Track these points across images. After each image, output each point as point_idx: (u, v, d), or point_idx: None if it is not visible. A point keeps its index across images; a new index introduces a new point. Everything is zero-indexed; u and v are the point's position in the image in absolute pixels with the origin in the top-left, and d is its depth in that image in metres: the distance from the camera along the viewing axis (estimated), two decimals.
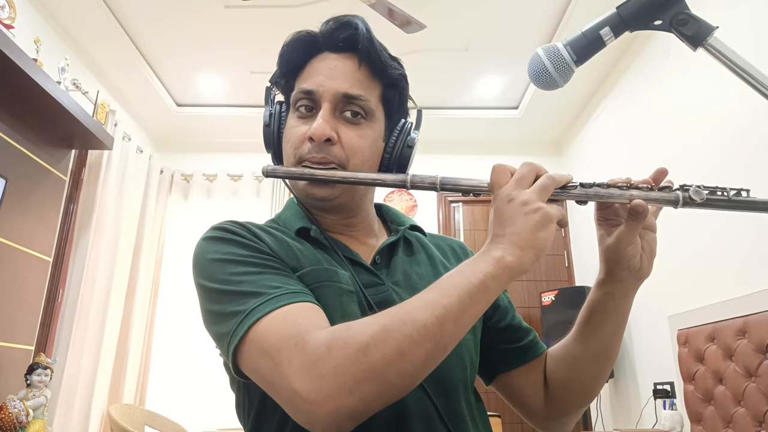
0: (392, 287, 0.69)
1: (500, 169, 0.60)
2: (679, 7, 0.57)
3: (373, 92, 0.71)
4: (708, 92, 2.27)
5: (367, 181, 0.67)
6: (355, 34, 0.70)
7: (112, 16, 2.82)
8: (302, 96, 0.70)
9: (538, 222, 0.54)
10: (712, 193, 0.55)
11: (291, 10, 2.75)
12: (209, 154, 4.01)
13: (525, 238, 0.54)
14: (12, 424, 2.05)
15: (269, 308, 0.54)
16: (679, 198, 0.55)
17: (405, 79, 0.75)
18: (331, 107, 0.68)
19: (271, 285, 0.57)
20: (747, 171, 2.02)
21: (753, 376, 1.81)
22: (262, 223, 0.74)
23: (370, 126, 0.71)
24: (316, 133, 0.66)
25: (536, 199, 0.55)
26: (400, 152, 0.72)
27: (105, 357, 3.08)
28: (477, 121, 3.79)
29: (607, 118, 3.32)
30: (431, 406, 0.62)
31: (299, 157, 0.69)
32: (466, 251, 0.85)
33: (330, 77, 0.69)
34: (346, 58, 0.71)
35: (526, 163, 0.59)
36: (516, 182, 0.57)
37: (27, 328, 2.56)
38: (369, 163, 0.70)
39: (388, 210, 0.84)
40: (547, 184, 0.57)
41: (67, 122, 2.58)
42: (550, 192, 0.56)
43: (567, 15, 2.76)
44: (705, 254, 2.26)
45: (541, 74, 0.62)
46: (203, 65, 3.30)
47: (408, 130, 0.73)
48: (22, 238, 2.47)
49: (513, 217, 0.55)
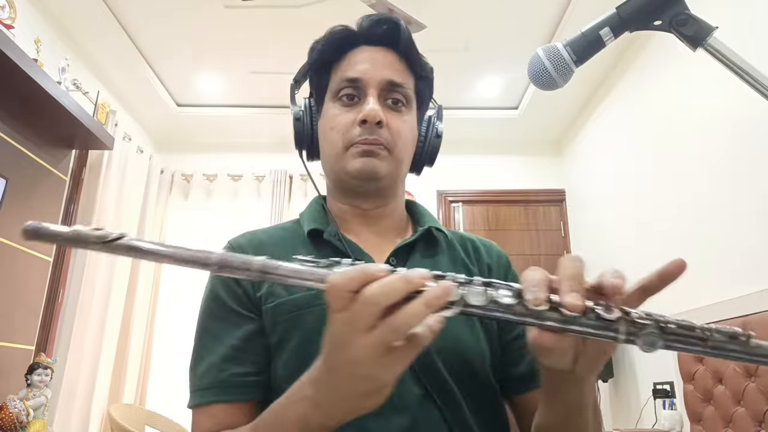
0: None
1: (338, 284, 0.39)
2: (678, 8, 0.57)
3: (410, 83, 0.76)
4: (708, 92, 2.27)
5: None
6: (395, 28, 0.75)
7: (113, 16, 2.81)
8: (347, 84, 0.73)
9: (366, 392, 0.42)
10: (670, 333, 0.40)
11: (291, 10, 2.75)
12: (209, 154, 4.01)
13: (342, 405, 0.43)
14: (12, 424, 2.05)
15: (194, 401, 0.65)
16: (618, 337, 0.40)
17: (433, 73, 0.80)
18: (377, 94, 0.72)
19: (202, 370, 0.65)
20: (747, 171, 2.02)
21: (753, 376, 1.81)
22: (286, 222, 0.80)
23: (409, 114, 0.75)
24: (370, 115, 0.69)
25: (370, 359, 0.39)
26: (432, 141, 0.78)
27: (105, 357, 3.08)
28: (477, 121, 3.79)
29: (607, 118, 3.32)
30: (439, 416, 0.62)
31: (348, 142, 0.71)
32: (491, 252, 0.80)
33: (374, 66, 0.73)
34: (385, 50, 0.75)
35: (392, 280, 0.38)
36: (351, 318, 0.38)
37: (27, 328, 2.56)
38: (409, 149, 0.75)
39: (417, 208, 0.83)
40: (398, 327, 0.38)
41: (68, 122, 2.58)
42: (400, 335, 0.38)
43: (567, 15, 2.76)
44: (705, 254, 2.26)
45: (541, 74, 0.62)
46: (203, 65, 3.30)
47: (435, 122, 0.79)
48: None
49: (336, 370, 0.42)
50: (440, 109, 0.82)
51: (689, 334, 0.39)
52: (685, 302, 2.37)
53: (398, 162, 0.73)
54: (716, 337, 0.39)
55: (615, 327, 0.40)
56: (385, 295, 0.38)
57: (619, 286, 0.41)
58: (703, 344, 0.39)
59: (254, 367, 0.64)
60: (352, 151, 0.71)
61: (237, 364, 0.65)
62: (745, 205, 2.03)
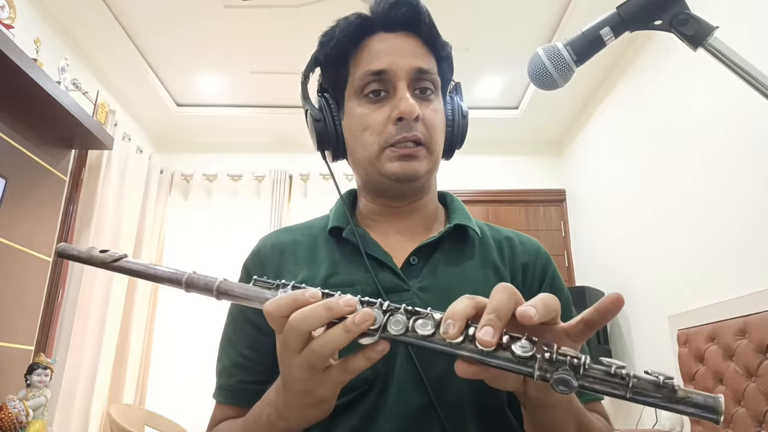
0: (417, 293, 0.65)
1: (270, 311, 0.44)
2: (679, 7, 0.57)
3: (435, 67, 0.71)
4: (708, 92, 2.27)
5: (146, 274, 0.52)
6: (415, 11, 0.68)
7: (112, 16, 2.81)
8: (372, 78, 0.67)
9: (306, 405, 0.47)
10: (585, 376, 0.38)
11: (291, 10, 2.74)
12: (209, 154, 4.01)
13: (294, 414, 0.49)
14: (12, 424, 2.05)
15: (213, 394, 0.70)
16: (533, 374, 0.38)
17: (452, 51, 0.75)
18: (407, 85, 0.66)
19: (218, 370, 0.70)
20: (747, 171, 2.02)
21: (753, 376, 1.81)
22: (319, 217, 0.78)
23: (438, 100, 0.71)
24: (408, 111, 0.64)
25: (303, 377, 0.44)
26: (460, 124, 0.74)
27: (105, 357, 3.08)
28: (477, 121, 3.78)
29: (608, 118, 3.32)
30: (444, 428, 0.60)
31: (385, 143, 0.66)
32: (529, 249, 0.74)
33: (399, 55, 0.67)
34: (406, 35, 0.69)
35: (315, 307, 0.43)
36: (284, 341, 0.44)
37: (27, 328, 2.56)
38: (442, 139, 0.71)
39: (451, 202, 0.78)
40: (317, 350, 0.42)
41: (67, 122, 2.58)
42: (323, 357, 0.43)
43: (567, 15, 2.76)
44: (705, 254, 2.26)
45: (541, 74, 0.62)
46: (203, 65, 3.30)
47: (459, 103, 0.75)
48: (22, 238, 2.47)
49: (285, 383, 0.48)
50: (459, 86, 0.78)
51: (607, 378, 0.37)
52: (686, 302, 2.37)
53: (436, 157, 0.70)
54: (638, 384, 0.37)
55: (531, 364, 0.39)
56: (306, 321, 0.42)
57: (528, 317, 0.40)
58: (622, 389, 0.37)
59: (262, 377, 0.65)
60: (389, 154, 0.66)
61: (246, 372, 0.67)
62: (745, 205, 2.03)
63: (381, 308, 0.43)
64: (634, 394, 0.37)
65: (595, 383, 0.38)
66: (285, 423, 0.50)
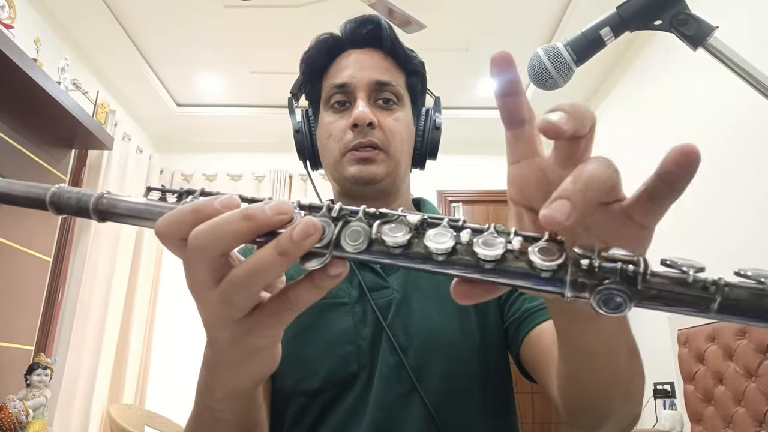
0: (396, 289, 0.69)
1: (162, 232, 0.30)
2: (679, 7, 0.57)
3: (400, 80, 0.76)
4: (708, 92, 2.27)
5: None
6: (377, 28, 0.75)
7: (112, 16, 2.81)
8: (336, 91, 0.73)
9: (238, 359, 0.34)
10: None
11: (291, 10, 2.74)
12: (209, 154, 4.01)
13: (226, 374, 0.36)
14: (12, 424, 2.05)
15: None
16: (563, 293, 0.26)
17: (424, 66, 0.81)
18: (366, 96, 0.72)
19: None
20: (747, 171, 2.02)
21: (753, 376, 1.81)
22: None
23: (402, 111, 0.75)
24: (360, 117, 0.69)
25: (224, 320, 0.31)
26: (430, 134, 0.78)
27: (105, 357, 3.08)
28: (477, 121, 3.78)
29: (608, 118, 3.32)
30: (426, 414, 0.61)
31: (344, 148, 0.71)
32: None
33: (360, 69, 0.73)
34: (371, 51, 0.75)
35: (226, 217, 0.29)
36: (188, 271, 0.30)
37: (27, 328, 2.56)
38: (406, 146, 0.75)
39: (425, 205, 0.84)
40: (238, 281, 0.29)
41: (67, 122, 2.58)
42: (247, 291, 0.29)
43: (567, 15, 2.76)
44: (705, 254, 2.26)
45: (541, 74, 0.62)
46: (203, 65, 3.30)
47: (432, 114, 0.80)
48: (22, 238, 2.47)
49: (207, 332, 0.35)
50: (438, 101, 0.82)
51: (684, 292, 0.26)
52: None
53: (396, 161, 0.73)
54: (729, 293, 0.26)
55: (561, 276, 0.26)
56: (214, 238, 0.28)
57: (554, 126, 0.27)
58: (704, 303, 0.26)
59: None
60: (348, 157, 0.71)
61: None
62: (746, 205, 2.03)
63: (329, 214, 0.29)
64: (719, 311, 0.26)
65: (657, 298, 0.26)
66: (223, 387, 0.37)
